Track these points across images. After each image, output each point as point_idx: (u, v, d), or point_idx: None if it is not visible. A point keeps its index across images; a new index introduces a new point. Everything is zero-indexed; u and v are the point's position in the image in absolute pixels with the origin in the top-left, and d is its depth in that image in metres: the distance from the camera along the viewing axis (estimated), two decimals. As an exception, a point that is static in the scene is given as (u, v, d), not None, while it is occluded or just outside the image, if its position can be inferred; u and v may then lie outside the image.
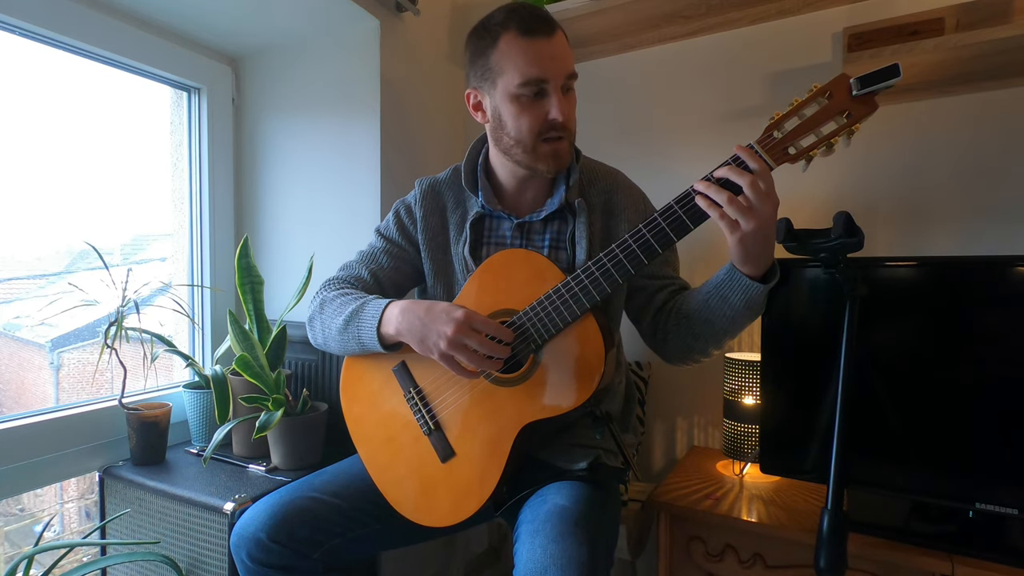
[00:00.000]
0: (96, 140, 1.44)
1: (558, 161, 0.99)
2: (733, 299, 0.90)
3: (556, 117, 0.95)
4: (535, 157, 0.98)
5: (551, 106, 0.95)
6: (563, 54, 0.96)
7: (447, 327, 0.87)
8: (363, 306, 0.99)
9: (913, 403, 1.05)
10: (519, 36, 0.94)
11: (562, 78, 0.95)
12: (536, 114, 0.96)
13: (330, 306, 1.04)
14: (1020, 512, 0.97)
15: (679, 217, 0.86)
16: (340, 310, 1.02)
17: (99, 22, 1.32)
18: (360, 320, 0.98)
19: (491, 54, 0.97)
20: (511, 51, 0.94)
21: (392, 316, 0.95)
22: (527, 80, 0.94)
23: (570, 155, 1.02)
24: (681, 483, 1.26)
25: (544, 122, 0.96)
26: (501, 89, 0.97)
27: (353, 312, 1.00)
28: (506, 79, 0.96)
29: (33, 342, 1.41)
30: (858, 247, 0.78)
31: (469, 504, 0.95)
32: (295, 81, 1.60)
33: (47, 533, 1.21)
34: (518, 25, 0.94)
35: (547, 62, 0.94)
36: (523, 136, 0.97)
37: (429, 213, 1.11)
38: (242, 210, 1.70)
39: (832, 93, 0.80)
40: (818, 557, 0.78)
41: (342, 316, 1.01)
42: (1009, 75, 1.21)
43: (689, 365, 1.06)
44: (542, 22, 0.95)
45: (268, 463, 1.30)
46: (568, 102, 0.98)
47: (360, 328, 0.98)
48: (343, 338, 1.02)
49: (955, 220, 1.29)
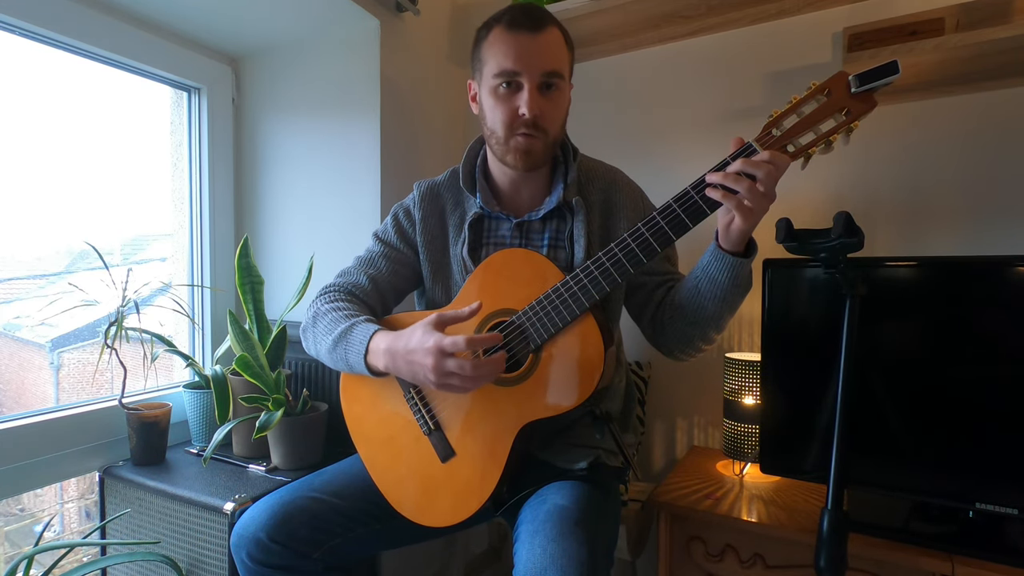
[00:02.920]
0: (96, 140, 1.43)
1: (526, 158, 0.99)
2: (721, 278, 0.90)
3: (523, 112, 0.95)
4: (506, 150, 1.00)
5: (521, 101, 0.95)
6: (544, 51, 0.95)
7: (427, 361, 0.85)
8: (351, 328, 0.98)
9: (913, 403, 1.05)
10: (504, 29, 0.96)
11: (537, 74, 0.95)
12: (508, 107, 0.97)
13: (322, 321, 1.03)
14: (1020, 512, 0.97)
15: (678, 216, 0.86)
16: (331, 328, 1.00)
17: (99, 22, 1.32)
18: (348, 345, 0.97)
19: (483, 46, 1.00)
20: (495, 43, 0.97)
21: (379, 350, 0.93)
22: (500, 71, 0.96)
23: (544, 155, 1.01)
24: (681, 483, 1.26)
25: (515, 116, 0.96)
26: (484, 80, 0.99)
27: (341, 334, 0.98)
28: (487, 70, 0.98)
29: (33, 342, 1.41)
30: (858, 247, 0.78)
31: (469, 504, 0.95)
32: (295, 81, 1.60)
33: (47, 533, 1.21)
34: (507, 19, 0.97)
35: (523, 56, 0.94)
36: (496, 127, 0.99)
37: (428, 215, 1.11)
38: (242, 210, 1.70)
39: (831, 90, 0.80)
40: (818, 557, 0.78)
41: (332, 336, 0.99)
42: (1009, 75, 1.21)
43: (693, 355, 1.04)
44: (529, 18, 0.96)
45: (268, 463, 1.30)
46: (548, 101, 0.97)
47: (348, 353, 0.97)
48: (332, 358, 1.01)
49: (955, 220, 1.29)
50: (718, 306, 0.92)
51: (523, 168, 1.01)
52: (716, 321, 0.95)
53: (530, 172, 1.03)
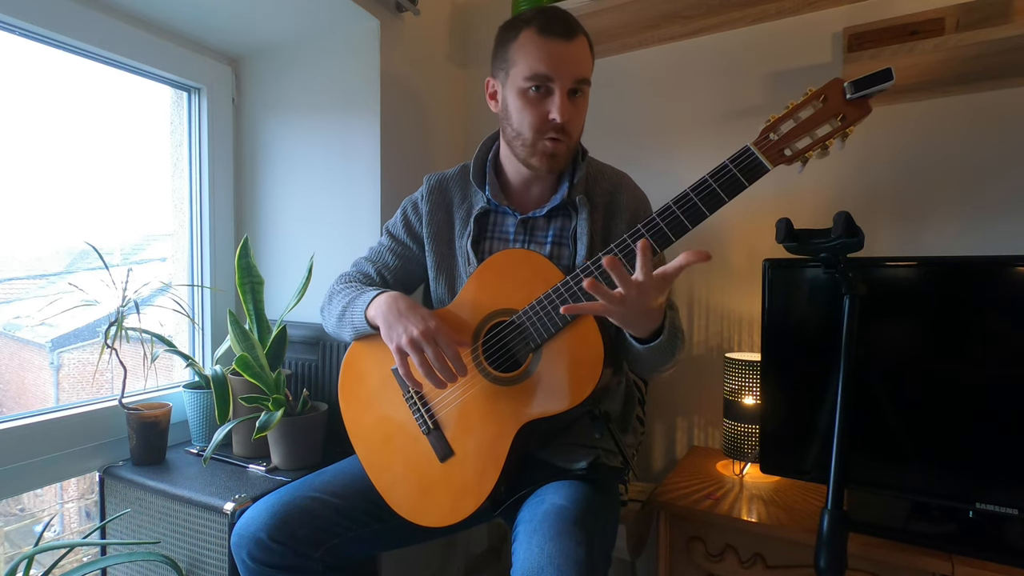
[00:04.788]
0: (96, 140, 1.43)
1: (552, 161, 1.00)
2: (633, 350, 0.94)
3: (555, 118, 0.96)
4: (531, 152, 1.00)
5: (552, 106, 0.96)
6: (576, 58, 0.97)
7: (416, 327, 0.92)
8: (361, 293, 1.07)
9: (913, 403, 1.05)
10: (537, 33, 0.96)
11: (570, 81, 0.96)
12: (538, 111, 0.97)
13: (336, 298, 1.12)
14: (1020, 512, 0.97)
15: (677, 217, 0.86)
16: (342, 301, 1.09)
17: (99, 22, 1.32)
18: (354, 307, 1.05)
19: (511, 46, 1.00)
20: (526, 45, 0.97)
21: (379, 301, 1.01)
22: (533, 75, 0.96)
23: (567, 159, 1.03)
24: (681, 483, 1.26)
25: (545, 121, 0.97)
26: (512, 81, 0.99)
27: (350, 301, 1.07)
28: (516, 71, 0.98)
29: (33, 342, 1.41)
30: (858, 247, 0.78)
31: (468, 504, 0.95)
32: (295, 81, 1.60)
33: (47, 533, 1.21)
34: (539, 23, 0.97)
35: (556, 62, 0.95)
36: (523, 130, 0.99)
37: (435, 208, 1.12)
38: (242, 210, 1.70)
39: (827, 96, 0.82)
40: (818, 557, 0.78)
41: (342, 306, 1.09)
42: (1009, 75, 1.21)
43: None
44: (562, 24, 0.96)
45: (268, 463, 1.30)
46: (574, 106, 0.98)
47: (353, 315, 1.05)
48: (342, 325, 1.09)
49: (955, 220, 1.29)
50: (647, 365, 0.97)
51: (547, 171, 1.02)
52: (658, 371, 0.98)
53: (550, 174, 1.05)
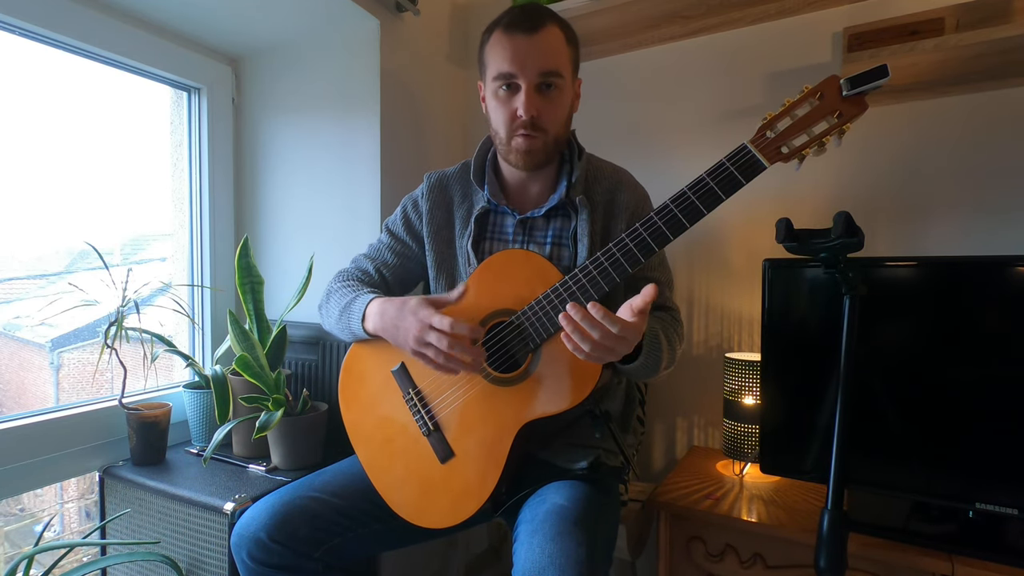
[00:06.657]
0: (96, 140, 1.43)
1: (528, 157, 1.00)
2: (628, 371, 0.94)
3: (520, 114, 0.97)
4: (508, 150, 1.02)
5: (518, 102, 0.97)
6: (541, 51, 0.96)
7: (413, 327, 0.92)
8: (353, 300, 1.06)
9: (913, 403, 1.05)
10: (502, 32, 0.98)
11: (534, 75, 0.96)
12: (508, 109, 0.99)
13: (333, 297, 1.12)
14: (1020, 512, 0.97)
15: (675, 216, 0.86)
16: (339, 302, 1.09)
17: (99, 22, 1.32)
18: (350, 313, 1.05)
19: (484, 48, 1.02)
20: (495, 46, 0.99)
21: (372, 314, 1.01)
22: (499, 74, 0.98)
23: (546, 154, 1.02)
24: (681, 483, 1.26)
25: (513, 117, 0.98)
26: (487, 83, 1.02)
27: (345, 305, 1.06)
28: (488, 73, 1.00)
29: (33, 342, 1.41)
30: (858, 247, 0.78)
31: (468, 505, 0.95)
32: (295, 81, 1.60)
33: (47, 533, 1.21)
34: (505, 22, 0.98)
35: (519, 58, 0.95)
36: (499, 129, 1.01)
37: (435, 206, 1.12)
38: (242, 210, 1.70)
39: (823, 94, 0.82)
40: (818, 557, 0.79)
41: (339, 308, 1.08)
42: (1009, 75, 1.21)
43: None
44: (525, 19, 0.96)
45: (268, 463, 1.30)
46: (546, 100, 0.98)
47: (350, 321, 1.05)
48: (340, 327, 1.09)
49: (955, 220, 1.29)
50: (642, 378, 0.98)
51: (525, 168, 1.02)
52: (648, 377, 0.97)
53: (534, 171, 1.04)
